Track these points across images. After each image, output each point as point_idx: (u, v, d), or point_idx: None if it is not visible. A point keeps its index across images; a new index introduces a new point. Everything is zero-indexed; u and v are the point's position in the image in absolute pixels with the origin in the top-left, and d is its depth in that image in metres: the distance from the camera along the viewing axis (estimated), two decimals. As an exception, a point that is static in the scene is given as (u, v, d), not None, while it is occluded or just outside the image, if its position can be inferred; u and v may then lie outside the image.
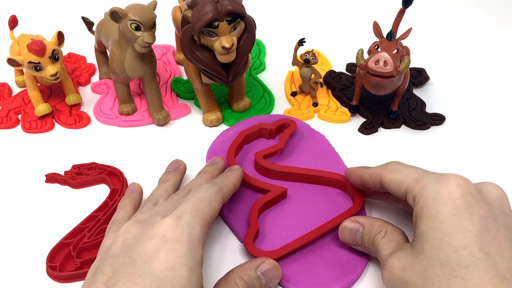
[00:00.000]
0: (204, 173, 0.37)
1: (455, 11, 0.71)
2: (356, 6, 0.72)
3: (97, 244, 0.36)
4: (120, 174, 0.42)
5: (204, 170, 0.38)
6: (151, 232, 0.28)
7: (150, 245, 0.27)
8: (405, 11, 0.44)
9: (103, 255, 0.29)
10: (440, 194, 0.27)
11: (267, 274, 0.31)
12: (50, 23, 0.65)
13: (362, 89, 0.48)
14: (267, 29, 0.62)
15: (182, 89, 0.53)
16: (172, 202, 0.32)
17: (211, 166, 0.38)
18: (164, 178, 0.38)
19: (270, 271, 0.31)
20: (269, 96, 0.53)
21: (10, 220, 0.39)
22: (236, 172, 0.37)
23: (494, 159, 0.45)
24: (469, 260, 0.25)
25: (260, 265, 0.31)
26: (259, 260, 0.32)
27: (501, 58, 0.61)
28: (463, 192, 0.27)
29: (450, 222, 0.26)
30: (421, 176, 0.30)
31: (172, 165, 0.40)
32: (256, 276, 0.31)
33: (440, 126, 0.49)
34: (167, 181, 0.37)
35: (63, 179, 0.42)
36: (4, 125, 0.49)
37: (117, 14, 0.42)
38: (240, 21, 0.40)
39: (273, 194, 0.38)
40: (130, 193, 0.38)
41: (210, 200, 0.31)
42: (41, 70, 0.45)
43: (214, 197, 0.32)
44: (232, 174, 0.36)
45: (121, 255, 0.28)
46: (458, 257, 0.25)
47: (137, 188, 0.39)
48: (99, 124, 0.50)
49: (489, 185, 0.29)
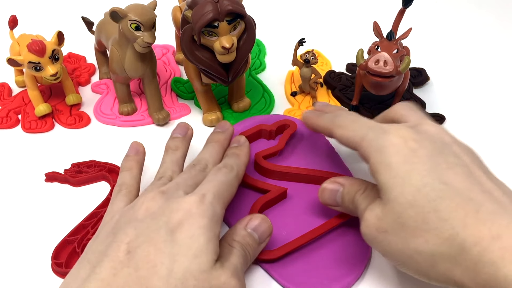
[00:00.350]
0: (215, 143, 0.38)
1: (455, 11, 0.71)
2: (356, 6, 0.72)
3: None
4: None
5: (215, 139, 0.38)
6: (177, 205, 0.29)
7: (175, 217, 0.28)
8: (405, 11, 0.44)
9: (123, 216, 0.30)
10: (386, 147, 0.29)
11: (258, 229, 0.32)
12: (50, 23, 0.65)
13: (362, 89, 0.48)
14: (267, 29, 0.62)
15: (182, 89, 0.53)
16: (191, 177, 0.33)
17: (221, 135, 0.39)
18: (173, 145, 0.38)
19: (260, 225, 0.33)
20: (269, 96, 0.53)
21: (13, 219, 0.39)
22: (245, 150, 0.38)
23: (494, 159, 0.45)
24: (434, 194, 0.27)
25: (249, 223, 0.32)
26: (246, 218, 0.33)
27: (501, 58, 0.61)
28: (404, 141, 0.29)
29: (403, 169, 0.28)
30: (366, 134, 0.31)
31: (180, 130, 0.39)
32: (247, 234, 0.32)
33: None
34: (176, 150, 0.37)
35: (63, 178, 0.42)
36: (4, 125, 0.49)
37: (117, 14, 0.42)
38: (240, 21, 0.40)
39: (273, 194, 0.38)
40: (135, 155, 0.38)
41: (230, 184, 0.33)
42: (41, 70, 0.45)
43: (232, 182, 0.33)
44: (242, 152, 0.37)
45: (146, 221, 0.29)
46: (423, 195, 0.27)
47: (141, 149, 0.38)
48: (99, 124, 0.50)
49: (426, 125, 0.31)
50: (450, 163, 0.28)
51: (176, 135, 0.39)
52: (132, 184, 0.35)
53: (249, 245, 0.32)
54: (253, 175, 0.41)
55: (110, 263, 0.27)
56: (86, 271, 0.28)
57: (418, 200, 0.27)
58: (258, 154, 0.41)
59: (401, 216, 0.27)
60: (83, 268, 0.28)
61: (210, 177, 0.33)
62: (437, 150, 0.29)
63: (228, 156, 0.37)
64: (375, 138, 0.30)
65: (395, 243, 0.28)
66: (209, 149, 0.37)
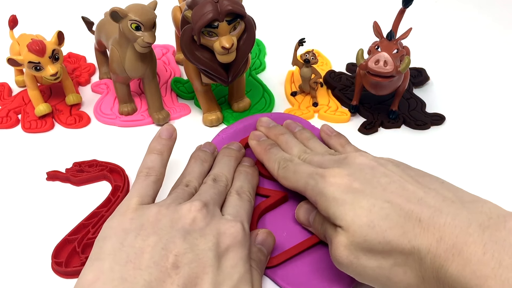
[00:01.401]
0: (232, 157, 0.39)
1: (455, 11, 0.71)
2: (356, 6, 0.72)
3: None
4: (122, 170, 0.42)
5: (231, 154, 0.40)
6: (224, 227, 0.30)
7: (223, 241, 0.29)
8: (405, 11, 0.44)
9: (168, 217, 0.30)
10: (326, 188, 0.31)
11: (265, 243, 0.34)
12: (50, 23, 0.65)
13: (362, 89, 0.48)
14: (267, 29, 0.62)
15: (182, 89, 0.53)
16: (219, 194, 0.34)
17: (235, 152, 0.40)
18: (203, 157, 0.39)
19: (266, 239, 0.34)
20: (269, 96, 0.53)
21: (13, 218, 0.39)
22: (256, 172, 0.40)
23: (494, 159, 0.45)
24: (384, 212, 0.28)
25: (256, 238, 0.34)
26: (253, 233, 0.34)
27: (501, 58, 0.61)
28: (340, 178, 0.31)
29: (349, 197, 0.30)
30: (307, 182, 0.33)
31: (209, 147, 0.41)
32: (258, 249, 0.33)
33: (440, 126, 0.49)
34: (205, 162, 0.38)
35: (65, 177, 0.42)
36: (4, 125, 0.49)
37: (117, 14, 0.42)
38: (240, 21, 0.40)
39: (272, 199, 0.38)
40: (167, 139, 0.37)
41: (251, 212, 0.35)
42: (41, 70, 0.45)
43: (252, 210, 0.35)
44: (255, 173, 0.39)
45: (194, 235, 0.29)
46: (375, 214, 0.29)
47: (174, 134, 0.38)
48: (99, 124, 0.50)
49: (351, 158, 0.34)
50: (384, 184, 0.30)
51: (205, 149, 0.40)
52: (161, 172, 0.34)
53: (261, 261, 0.33)
54: None
55: (159, 274, 0.26)
56: (128, 270, 0.26)
57: (373, 220, 0.28)
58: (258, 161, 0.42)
59: (366, 239, 0.28)
60: (121, 264, 0.27)
61: (237, 202, 0.34)
62: (369, 177, 0.31)
63: (242, 175, 0.38)
64: (316, 184, 0.32)
65: (370, 267, 0.29)
66: (226, 163, 0.38)
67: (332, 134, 0.42)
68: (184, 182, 0.35)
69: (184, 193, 0.33)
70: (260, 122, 0.43)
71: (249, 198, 0.35)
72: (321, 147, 0.39)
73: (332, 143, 0.41)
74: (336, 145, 0.40)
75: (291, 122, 0.44)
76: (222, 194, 0.34)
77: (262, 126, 0.43)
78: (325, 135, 0.42)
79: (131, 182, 0.42)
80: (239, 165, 0.40)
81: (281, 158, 0.37)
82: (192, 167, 0.37)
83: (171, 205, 0.31)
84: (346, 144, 0.40)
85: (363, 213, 0.29)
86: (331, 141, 0.41)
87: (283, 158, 0.37)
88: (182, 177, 0.36)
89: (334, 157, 0.35)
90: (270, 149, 0.39)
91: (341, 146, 0.40)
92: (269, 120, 0.43)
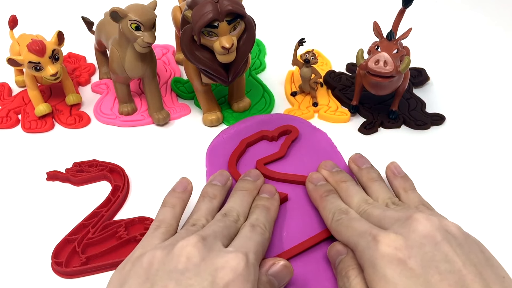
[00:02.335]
0: (245, 192, 0.36)
1: (455, 11, 0.71)
2: (356, 6, 0.72)
3: (101, 240, 0.37)
4: (121, 170, 0.42)
5: (245, 187, 0.37)
6: (222, 261, 0.28)
7: (221, 277, 0.27)
8: (405, 11, 0.44)
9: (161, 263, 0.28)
10: (377, 260, 0.28)
11: (279, 276, 0.31)
12: (50, 23, 0.65)
13: (362, 89, 0.48)
14: (267, 29, 0.62)
15: (182, 89, 0.53)
16: (226, 227, 0.32)
17: (251, 184, 0.37)
18: (211, 193, 0.36)
19: (281, 272, 0.31)
20: (269, 96, 0.53)
21: (13, 218, 0.39)
22: (276, 204, 0.37)
23: (494, 159, 0.45)
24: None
25: (271, 268, 0.31)
26: (269, 261, 0.32)
27: (501, 58, 0.61)
28: (394, 250, 0.28)
29: (400, 283, 0.27)
30: (357, 242, 0.30)
31: (220, 178, 0.38)
32: (267, 280, 0.30)
33: (440, 126, 0.49)
34: (214, 198, 0.36)
35: (65, 177, 0.42)
36: (4, 125, 0.49)
37: (117, 14, 0.42)
38: (240, 21, 0.40)
39: None
40: (181, 192, 0.36)
41: (264, 245, 0.32)
42: (41, 70, 0.45)
43: (266, 244, 0.32)
44: (273, 207, 0.36)
45: (188, 275, 0.27)
46: None
47: (189, 187, 0.36)
48: (99, 124, 0.50)
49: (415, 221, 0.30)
50: (442, 272, 0.27)
51: (215, 182, 0.37)
52: (172, 224, 0.33)
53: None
54: None
55: None
56: None
57: None
58: (259, 161, 0.42)
59: None
60: None
61: (247, 233, 0.32)
62: (427, 258, 0.28)
63: (259, 209, 0.35)
64: (367, 248, 0.29)
65: None
66: (239, 198, 0.36)
67: (399, 175, 0.38)
68: (191, 222, 0.33)
69: (188, 233, 0.31)
70: (324, 165, 0.39)
71: (263, 230, 0.32)
72: (384, 193, 0.36)
73: (396, 185, 0.37)
74: (399, 189, 0.37)
75: (359, 157, 0.40)
76: (230, 228, 0.32)
77: (325, 169, 0.39)
78: (391, 173, 0.39)
79: (131, 182, 0.42)
80: (257, 197, 0.37)
81: (337, 208, 0.34)
82: (199, 206, 0.35)
83: (168, 247, 0.29)
84: (410, 190, 0.37)
85: None
86: (396, 182, 0.38)
87: (338, 209, 0.34)
88: (189, 217, 0.34)
89: (395, 213, 0.31)
90: (327, 197, 0.36)
91: (404, 191, 0.37)
92: (334, 164, 0.40)
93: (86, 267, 0.35)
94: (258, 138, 0.45)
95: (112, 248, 0.36)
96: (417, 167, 0.43)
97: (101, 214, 0.38)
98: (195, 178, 0.42)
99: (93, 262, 0.35)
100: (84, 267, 0.35)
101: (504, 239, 0.37)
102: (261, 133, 0.45)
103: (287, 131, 0.45)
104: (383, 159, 0.42)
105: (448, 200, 0.40)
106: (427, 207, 0.35)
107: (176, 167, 0.44)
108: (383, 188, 0.37)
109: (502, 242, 0.37)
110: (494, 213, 0.39)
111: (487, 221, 0.39)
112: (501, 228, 0.38)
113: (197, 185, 0.38)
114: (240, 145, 0.44)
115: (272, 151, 0.44)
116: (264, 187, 0.38)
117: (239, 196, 0.36)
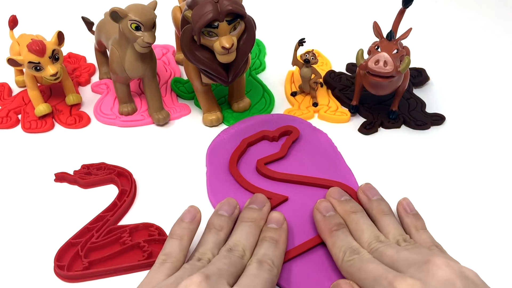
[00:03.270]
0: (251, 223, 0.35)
1: (455, 11, 0.71)
2: (356, 6, 0.72)
3: (105, 244, 0.36)
4: (129, 174, 0.42)
5: (250, 218, 0.35)
6: None
7: None
8: (405, 11, 0.44)
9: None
10: None
11: None
12: (50, 23, 0.65)
13: (362, 89, 0.48)
14: (267, 29, 0.62)
15: (182, 89, 0.53)
16: (232, 264, 0.31)
17: (257, 213, 0.36)
18: (218, 225, 0.35)
19: None
20: (269, 96, 0.53)
21: (13, 219, 0.39)
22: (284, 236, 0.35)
23: (494, 159, 0.45)
24: None
25: None
26: None
27: (501, 58, 0.61)
28: None
29: None
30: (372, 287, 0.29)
31: (227, 207, 0.36)
32: None
33: (440, 126, 0.49)
34: (221, 230, 0.35)
35: (72, 179, 0.42)
36: (4, 125, 0.49)
37: (117, 14, 0.42)
38: (240, 21, 0.40)
39: (274, 202, 0.39)
40: (189, 222, 0.35)
41: (272, 282, 0.31)
42: (41, 70, 0.45)
43: (274, 280, 0.32)
44: (281, 239, 0.34)
45: None
46: None
47: (197, 216, 0.35)
48: (99, 124, 0.50)
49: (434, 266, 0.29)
50: None
51: (222, 212, 0.36)
52: (178, 258, 0.32)
53: None
54: (255, 179, 0.41)
55: None
56: None
57: None
58: (260, 161, 0.42)
59: None
60: None
61: (254, 271, 0.31)
62: None
63: (266, 243, 0.34)
64: None
65: None
66: (245, 231, 0.34)
67: (411, 212, 0.37)
68: (196, 256, 0.32)
69: (193, 268, 0.30)
70: (332, 193, 0.38)
71: (271, 267, 0.31)
72: (395, 229, 0.35)
73: (408, 222, 0.36)
74: (411, 227, 0.36)
75: (370, 188, 0.38)
76: (235, 264, 0.31)
77: (333, 197, 0.38)
78: (402, 210, 0.37)
79: (138, 187, 0.42)
80: (264, 228, 0.35)
81: (348, 247, 0.33)
82: (205, 238, 0.34)
83: (172, 285, 0.28)
84: (422, 230, 0.35)
85: None
86: (407, 220, 0.36)
87: (349, 247, 0.33)
88: (195, 250, 0.34)
89: (410, 255, 0.30)
90: (337, 231, 0.34)
91: (416, 229, 0.35)
92: (342, 192, 0.38)
93: (88, 272, 0.34)
94: (258, 138, 0.45)
95: (115, 253, 0.35)
96: (417, 167, 0.44)
97: (106, 219, 0.38)
98: (195, 178, 0.42)
99: (96, 267, 0.35)
100: (86, 271, 0.34)
101: (504, 239, 0.37)
102: (262, 133, 0.45)
103: (288, 131, 0.45)
104: (383, 159, 0.42)
105: (448, 200, 0.40)
106: (440, 249, 0.34)
107: (177, 167, 0.44)
108: (394, 223, 0.35)
109: (502, 242, 0.37)
110: (494, 213, 0.39)
111: (487, 221, 0.39)
112: (501, 228, 0.38)
113: (198, 185, 0.38)
114: (241, 145, 0.44)
115: (272, 151, 0.44)
116: (271, 215, 0.36)
117: (244, 228, 0.34)
